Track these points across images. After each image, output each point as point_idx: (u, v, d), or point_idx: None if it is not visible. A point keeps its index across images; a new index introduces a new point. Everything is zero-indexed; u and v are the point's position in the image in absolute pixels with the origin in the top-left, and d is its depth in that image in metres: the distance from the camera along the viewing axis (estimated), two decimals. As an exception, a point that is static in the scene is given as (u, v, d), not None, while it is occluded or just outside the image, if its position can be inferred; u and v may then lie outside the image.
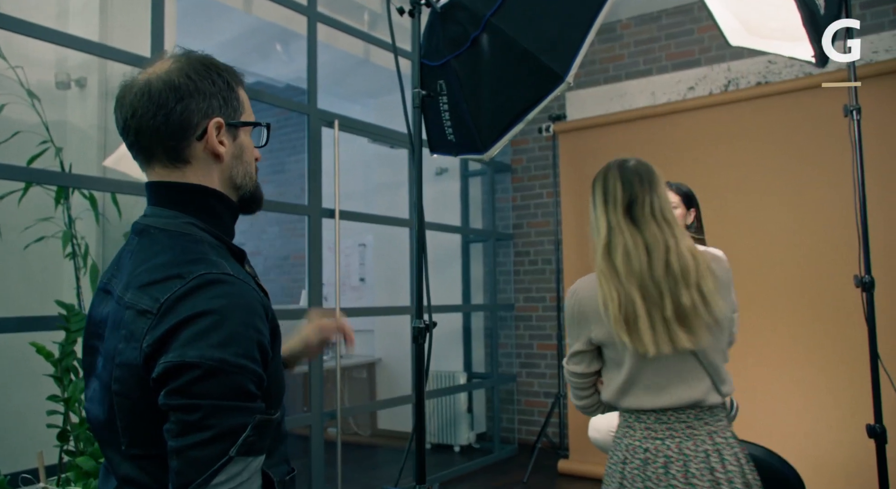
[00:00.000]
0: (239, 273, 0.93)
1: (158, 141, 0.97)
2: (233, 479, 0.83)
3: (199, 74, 0.99)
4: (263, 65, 4.78)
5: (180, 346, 0.83)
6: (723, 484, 1.44)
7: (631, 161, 1.58)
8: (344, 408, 3.49)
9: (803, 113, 3.64)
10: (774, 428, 3.46)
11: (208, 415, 0.82)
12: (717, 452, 1.48)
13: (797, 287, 3.57)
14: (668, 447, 1.47)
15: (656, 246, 1.48)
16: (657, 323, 1.44)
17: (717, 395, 1.53)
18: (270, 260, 6.06)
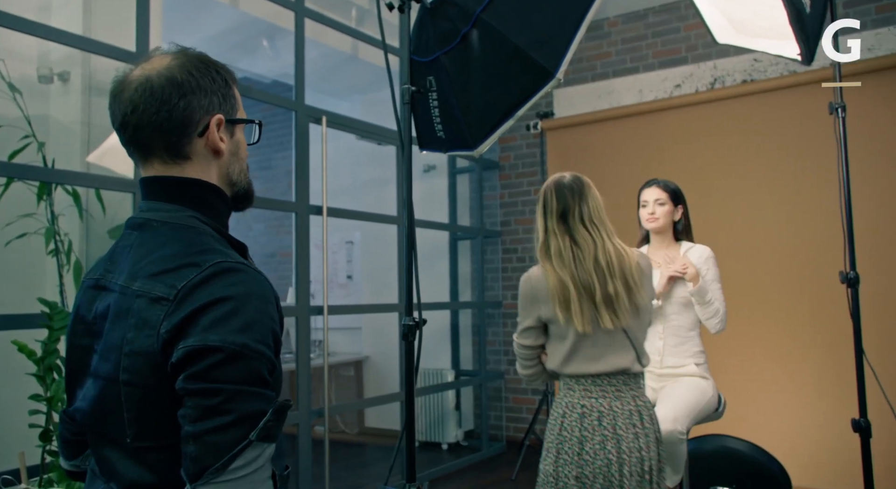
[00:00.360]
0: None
1: (160, 137, 0.97)
2: (250, 465, 0.83)
3: (199, 71, 1.00)
4: (250, 60, 4.73)
5: (201, 331, 0.84)
6: (640, 437, 1.82)
7: (567, 177, 1.96)
8: (331, 407, 3.47)
9: (788, 110, 3.67)
10: (761, 423, 3.49)
11: (229, 399, 0.82)
12: (639, 412, 1.84)
13: (783, 283, 3.60)
14: (601, 404, 1.83)
15: (585, 245, 1.86)
16: (585, 306, 1.81)
17: (639, 365, 1.89)
18: (257, 257, 6.01)
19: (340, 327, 5.30)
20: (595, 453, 1.78)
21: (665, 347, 2.61)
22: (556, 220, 1.89)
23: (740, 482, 2.74)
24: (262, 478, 0.85)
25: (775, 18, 2.32)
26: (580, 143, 4.39)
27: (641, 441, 1.81)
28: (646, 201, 2.67)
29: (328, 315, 3.38)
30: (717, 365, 3.20)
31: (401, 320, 2.16)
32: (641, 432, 1.82)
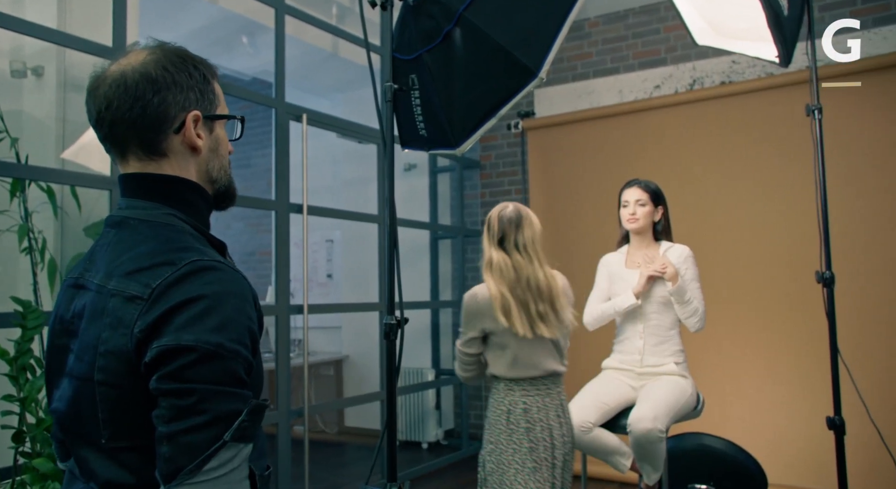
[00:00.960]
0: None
1: (134, 133, 0.96)
2: (224, 465, 0.82)
3: (175, 67, 0.98)
4: (229, 57, 4.69)
5: (175, 330, 0.83)
6: (564, 426, 2.21)
7: (509, 208, 2.23)
8: (312, 406, 3.44)
9: (766, 112, 3.72)
10: (738, 421, 3.53)
11: (203, 399, 0.82)
12: (562, 406, 2.23)
13: (760, 282, 3.64)
14: (537, 401, 2.18)
15: (520, 269, 2.15)
16: (523, 316, 2.12)
17: (562, 368, 2.26)
18: (236, 256, 5.94)
19: (320, 326, 5.27)
20: (537, 440, 2.16)
21: (645, 347, 2.63)
22: (496, 244, 2.21)
23: (718, 480, 2.77)
24: (238, 478, 0.84)
25: (754, 21, 2.34)
26: (561, 142, 4.41)
27: (565, 429, 2.21)
28: (626, 201, 2.69)
29: (308, 314, 3.35)
30: (696, 364, 3.23)
31: (381, 319, 2.13)
32: (565, 422, 2.22)
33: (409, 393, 4.63)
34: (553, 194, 4.41)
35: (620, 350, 2.71)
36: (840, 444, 2.50)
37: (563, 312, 2.19)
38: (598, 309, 2.72)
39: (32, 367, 2.14)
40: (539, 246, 2.21)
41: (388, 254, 1.88)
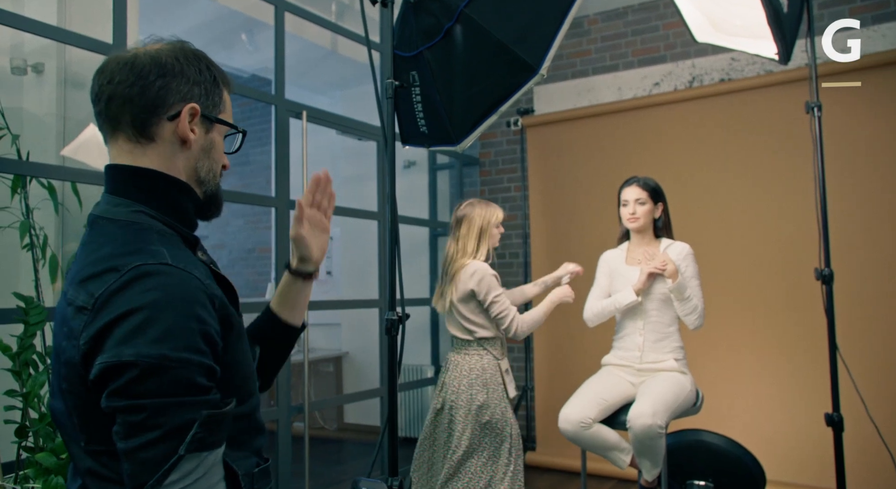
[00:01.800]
0: (183, 261, 0.89)
1: (128, 111, 0.96)
2: (187, 477, 0.81)
3: (187, 60, 0.99)
4: (228, 54, 4.68)
5: (115, 345, 0.80)
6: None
7: (461, 207, 2.69)
8: (312, 403, 3.45)
9: (765, 109, 3.73)
10: (737, 417, 3.55)
11: (153, 414, 0.79)
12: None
13: (759, 279, 3.65)
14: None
15: (449, 256, 2.67)
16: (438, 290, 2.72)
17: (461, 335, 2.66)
18: (235, 253, 5.97)
19: (320, 323, 5.28)
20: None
21: (645, 343, 2.64)
22: (450, 232, 2.73)
23: (716, 476, 2.78)
24: (207, 485, 0.83)
25: (753, 18, 2.35)
26: (560, 139, 4.42)
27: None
28: (626, 200, 2.69)
29: (308, 311, 3.36)
30: (695, 360, 3.24)
31: (382, 315, 2.14)
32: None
33: (408, 389, 4.63)
34: (552, 191, 4.41)
35: (620, 346, 2.72)
36: (838, 441, 2.51)
37: (447, 296, 2.59)
38: (599, 305, 2.73)
39: (35, 363, 2.15)
40: (473, 238, 2.59)
41: (390, 251, 1.89)
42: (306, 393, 3.33)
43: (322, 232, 1.29)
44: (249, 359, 1.01)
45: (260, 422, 1.02)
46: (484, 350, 2.56)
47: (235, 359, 0.93)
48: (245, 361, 0.98)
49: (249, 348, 1.02)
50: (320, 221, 1.29)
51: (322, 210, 1.29)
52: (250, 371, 0.99)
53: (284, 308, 1.27)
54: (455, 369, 2.57)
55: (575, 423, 2.42)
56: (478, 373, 2.52)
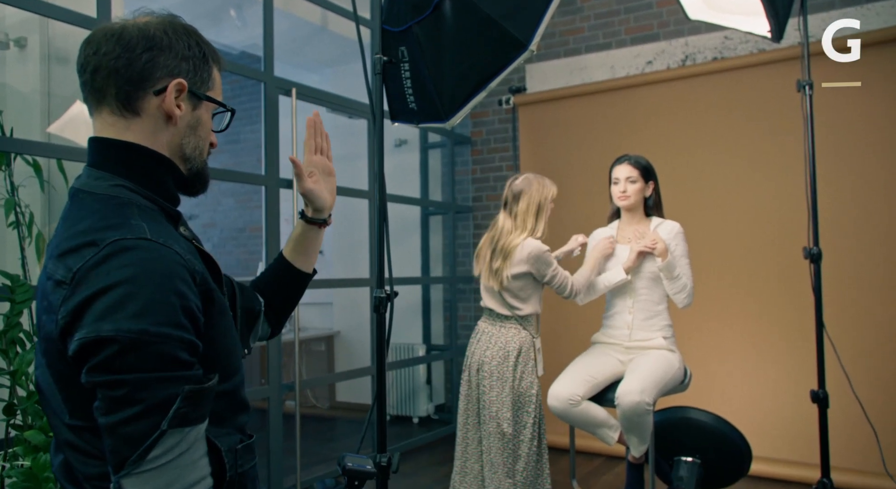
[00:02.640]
0: (163, 236, 0.88)
1: (113, 83, 0.94)
2: (170, 452, 0.80)
3: (176, 34, 0.98)
4: (217, 30, 4.62)
5: (94, 321, 0.79)
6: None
7: (518, 180, 2.59)
8: (303, 381, 3.46)
9: (758, 88, 3.71)
10: (725, 395, 3.58)
11: (135, 389, 0.79)
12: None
13: (749, 258, 3.67)
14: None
15: (501, 231, 2.59)
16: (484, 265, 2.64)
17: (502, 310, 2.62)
18: (226, 232, 5.94)
19: (312, 302, 5.28)
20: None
21: (634, 321, 2.65)
22: (503, 206, 2.61)
23: (704, 452, 2.81)
24: (190, 460, 0.83)
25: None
26: (553, 118, 4.39)
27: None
28: (617, 179, 2.69)
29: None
30: (684, 338, 3.26)
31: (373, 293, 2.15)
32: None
33: (399, 368, 4.65)
34: (544, 170, 4.36)
35: (609, 324, 2.73)
36: (823, 417, 2.54)
37: (501, 272, 2.52)
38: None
39: (22, 341, 2.14)
40: (532, 215, 2.51)
41: (378, 229, 1.88)
42: (297, 371, 3.34)
43: (329, 175, 1.34)
44: (234, 335, 1.00)
45: (244, 399, 1.02)
46: (521, 326, 2.53)
47: (218, 335, 0.93)
48: (228, 337, 0.97)
49: (233, 324, 1.01)
50: (325, 165, 1.33)
51: (324, 153, 1.33)
52: (234, 347, 0.98)
53: (298, 255, 1.32)
54: (488, 339, 2.54)
55: (563, 401, 2.44)
56: (514, 347, 2.49)
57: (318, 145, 1.32)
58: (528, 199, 2.52)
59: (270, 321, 1.31)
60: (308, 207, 1.31)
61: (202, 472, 0.85)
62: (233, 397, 0.98)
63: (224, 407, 0.95)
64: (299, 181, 1.28)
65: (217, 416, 0.93)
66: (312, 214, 1.31)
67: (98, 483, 0.87)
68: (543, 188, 2.55)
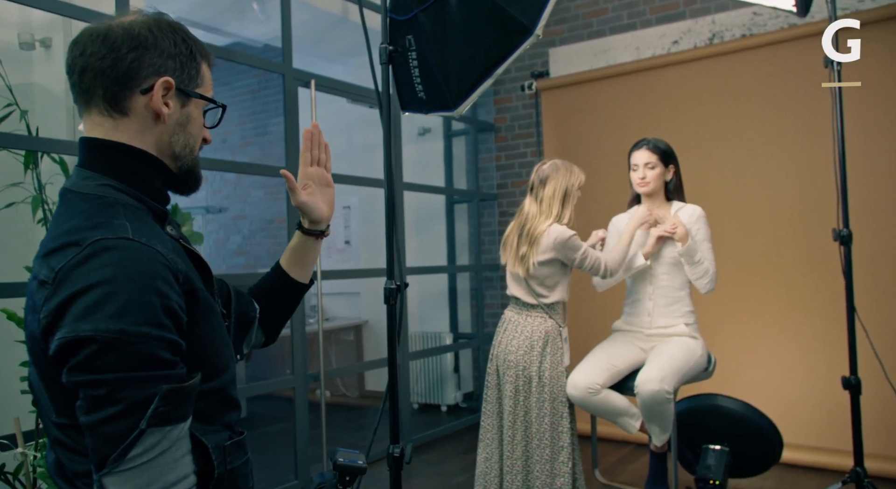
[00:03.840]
0: (146, 235, 0.88)
1: (100, 84, 0.94)
2: (150, 450, 0.81)
3: (162, 32, 0.97)
4: (240, 24, 4.66)
5: (74, 321, 0.80)
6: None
7: (545, 165, 2.55)
8: (328, 371, 3.50)
9: (787, 64, 3.59)
10: (753, 382, 3.50)
11: (114, 389, 0.79)
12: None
13: (776, 241, 3.57)
14: None
15: (528, 216, 2.55)
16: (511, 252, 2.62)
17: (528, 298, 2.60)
18: (256, 223, 6.02)
19: (340, 292, 5.32)
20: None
21: (655, 308, 2.60)
22: (529, 191, 2.55)
23: (733, 440, 2.75)
24: (171, 459, 0.83)
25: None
26: (576, 102, 4.32)
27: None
28: (636, 165, 2.63)
29: (322, 280, 3.39)
30: (709, 324, 3.19)
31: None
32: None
33: (426, 356, 4.67)
34: (568, 155, 4.31)
35: (630, 312, 2.69)
36: (855, 404, 2.47)
37: (528, 259, 2.47)
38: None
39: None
40: (558, 201, 2.47)
41: (388, 220, 1.88)
42: (322, 361, 3.38)
43: (326, 186, 1.31)
44: (222, 334, 1.00)
45: (233, 397, 1.01)
46: (547, 315, 2.50)
47: (204, 334, 0.93)
48: (216, 336, 0.97)
49: (222, 323, 1.01)
50: (322, 176, 1.30)
51: (322, 164, 1.30)
52: (222, 346, 0.98)
53: (295, 266, 1.29)
54: (514, 329, 2.52)
55: (582, 389, 2.41)
56: (539, 335, 2.47)
57: (316, 157, 1.29)
58: (554, 185, 2.48)
59: (265, 329, 1.30)
60: (305, 219, 1.28)
61: (185, 471, 0.86)
62: (220, 395, 0.98)
63: (211, 404, 0.95)
64: (292, 194, 1.25)
65: (204, 414, 0.93)
66: (309, 226, 1.28)
67: (87, 480, 0.88)
68: (571, 175, 2.50)
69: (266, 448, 4.11)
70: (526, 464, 2.42)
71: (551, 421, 2.41)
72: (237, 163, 5.28)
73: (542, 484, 2.38)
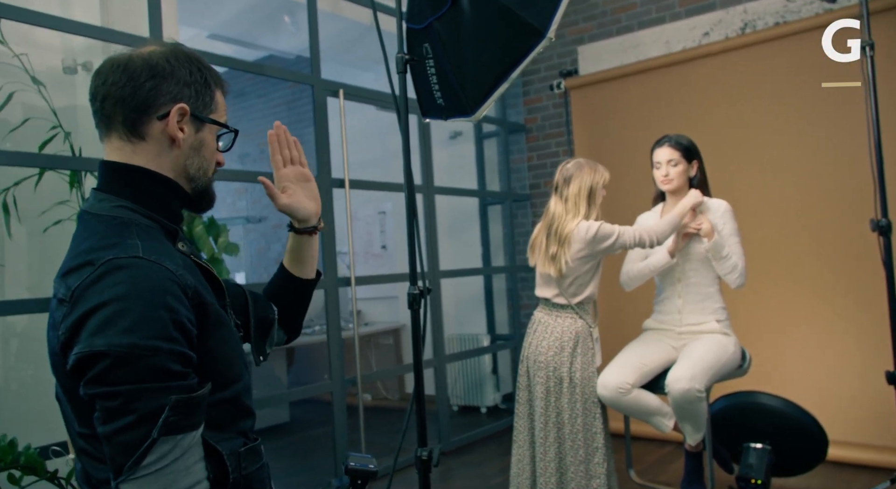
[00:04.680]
0: (156, 253, 0.93)
1: (120, 110, 1.00)
2: (163, 458, 0.85)
3: (179, 62, 1.03)
4: (274, 37, 4.77)
5: (88, 336, 0.85)
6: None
7: (570, 164, 2.56)
8: (365, 375, 3.56)
9: (821, 52, 3.49)
10: (793, 378, 3.42)
11: (127, 400, 0.84)
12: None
13: (812, 233, 3.47)
14: None
15: (555, 216, 2.54)
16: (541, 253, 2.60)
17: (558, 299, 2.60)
18: (294, 232, 6.14)
19: (377, 297, 5.39)
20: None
21: (684, 305, 2.57)
22: (554, 191, 2.56)
23: (774, 439, 2.70)
24: (184, 466, 0.88)
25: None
26: (606, 99, 4.29)
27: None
28: (658, 162, 2.61)
29: (356, 285, 3.44)
30: (745, 320, 3.13)
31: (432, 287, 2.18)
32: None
33: (464, 358, 4.69)
34: (599, 153, 4.30)
35: (660, 310, 2.66)
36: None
37: (560, 259, 2.45)
38: (634, 269, 2.67)
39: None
40: (584, 199, 2.45)
41: (409, 225, 1.91)
42: (358, 365, 3.44)
43: (306, 182, 1.31)
44: (234, 345, 1.03)
45: (246, 406, 1.05)
46: (577, 315, 2.48)
47: (214, 346, 0.97)
48: (227, 347, 1.01)
49: (234, 334, 1.05)
50: (300, 173, 1.30)
51: (296, 162, 1.30)
52: (233, 356, 1.02)
53: (296, 265, 1.33)
54: (543, 330, 2.51)
55: (612, 389, 2.40)
56: (569, 336, 2.45)
57: (287, 157, 1.29)
58: (579, 183, 2.47)
59: (285, 327, 1.34)
60: (294, 220, 1.31)
61: (197, 477, 0.90)
62: (233, 404, 1.02)
63: (224, 413, 0.99)
64: (273, 200, 1.27)
65: (217, 422, 0.98)
66: (299, 225, 1.30)
67: (108, 487, 0.93)
68: (595, 172, 2.49)
69: (308, 452, 4.19)
70: (560, 466, 2.41)
71: (584, 422, 2.40)
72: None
73: (577, 485, 2.37)
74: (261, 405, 3.76)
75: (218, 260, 2.87)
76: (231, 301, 1.18)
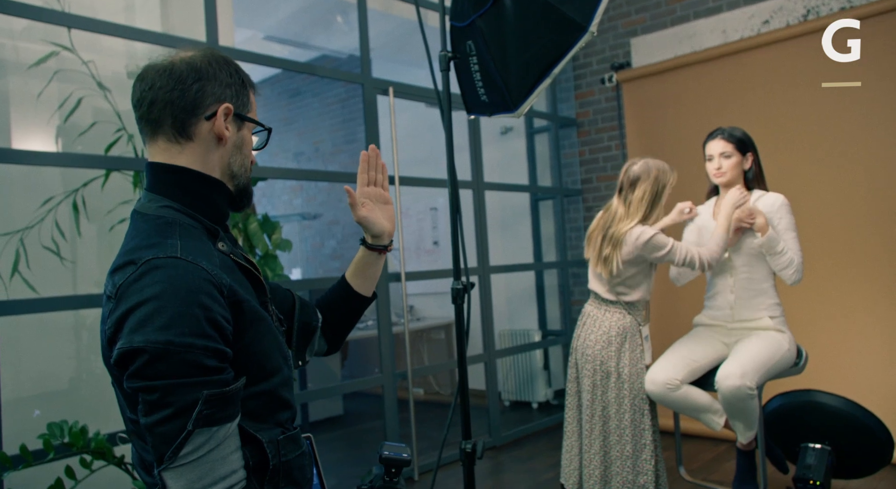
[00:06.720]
0: (193, 253, 0.97)
1: (170, 113, 1.04)
2: (200, 448, 0.90)
3: (218, 64, 1.09)
4: (327, 37, 4.86)
5: (129, 333, 0.90)
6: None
7: (636, 166, 2.48)
8: (414, 369, 3.61)
9: (890, 35, 3.33)
10: (854, 376, 3.29)
11: (165, 394, 0.89)
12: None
13: (877, 225, 3.32)
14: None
15: (614, 217, 2.51)
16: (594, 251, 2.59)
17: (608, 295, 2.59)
18: (348, 228, 6.25)
19: (430, 292, 5.44)
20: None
21: (736, 301, 2.51)
22: (617, 191, 2.52)
23: (834, 439, 2.61)
24: (220, 455, 0.92)
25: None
26: (659, 92, 4.21)
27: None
28: (711, 155, 2.55)
29: (406, 281, 3.49)
30: (802, 317, 3.03)
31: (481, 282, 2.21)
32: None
33: (515, 353, 4.69)
34: (652, 147, 4.23)
35: (711, 305, 2.60)
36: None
37: (612, 260, 2.43)
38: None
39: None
40: (646, 204, 2.41)
41: (452, 220, 1.93)
42: (409, 360, 3.49)
43: (385, 203, 1.38)
44: (272, 340, 1.07)
45: (284, 398, 1.08)
46: (626, 311, 2.47)
47: (251, 341, 1.01)
48: (266, 342, 1.04)
49: (273, 330, 1.08)
50: (380, 195, 1.38)
51: (378, 184, 1.38)
52: (271, 350, 1.06)
53: (357, 279, 1.38)
54: (592, 323, 2.51)
55: (660, 385, 2.36)
56: (617, 331, 2.44)
57: (372, 178, 1.37)
58: (644, 187, 2.42)
59: (327, 337, 1.39)
60: (367, 234, 1.37)
61: (234, 466, 0.95)
62: (271, 396, 1.05)
63: (262, 404, 1.04)
64: (353, 210, 1.33)
65: (255, 413, 1.02)
66: (371, 241, 1.36)
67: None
68: (662, 175, 2.44)
69: (360, 443, 4.28)
70: (605, 459, 2.40)
71: (632, 418, 2.38)
72: (326, 171, 5.48)
73: (622, 480, 2.36)
74: (314, 397, 3.86)
75: (272, 256, 2.96)
76: (277, 304, 1.23)
